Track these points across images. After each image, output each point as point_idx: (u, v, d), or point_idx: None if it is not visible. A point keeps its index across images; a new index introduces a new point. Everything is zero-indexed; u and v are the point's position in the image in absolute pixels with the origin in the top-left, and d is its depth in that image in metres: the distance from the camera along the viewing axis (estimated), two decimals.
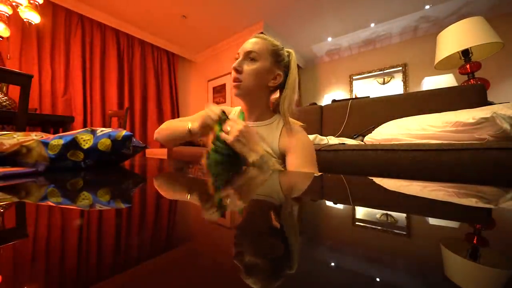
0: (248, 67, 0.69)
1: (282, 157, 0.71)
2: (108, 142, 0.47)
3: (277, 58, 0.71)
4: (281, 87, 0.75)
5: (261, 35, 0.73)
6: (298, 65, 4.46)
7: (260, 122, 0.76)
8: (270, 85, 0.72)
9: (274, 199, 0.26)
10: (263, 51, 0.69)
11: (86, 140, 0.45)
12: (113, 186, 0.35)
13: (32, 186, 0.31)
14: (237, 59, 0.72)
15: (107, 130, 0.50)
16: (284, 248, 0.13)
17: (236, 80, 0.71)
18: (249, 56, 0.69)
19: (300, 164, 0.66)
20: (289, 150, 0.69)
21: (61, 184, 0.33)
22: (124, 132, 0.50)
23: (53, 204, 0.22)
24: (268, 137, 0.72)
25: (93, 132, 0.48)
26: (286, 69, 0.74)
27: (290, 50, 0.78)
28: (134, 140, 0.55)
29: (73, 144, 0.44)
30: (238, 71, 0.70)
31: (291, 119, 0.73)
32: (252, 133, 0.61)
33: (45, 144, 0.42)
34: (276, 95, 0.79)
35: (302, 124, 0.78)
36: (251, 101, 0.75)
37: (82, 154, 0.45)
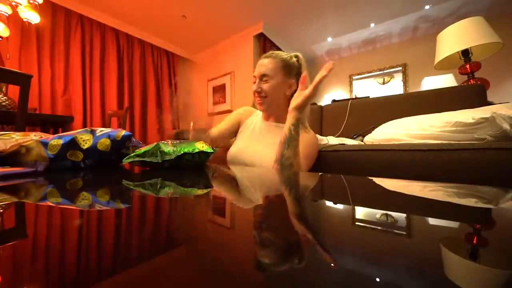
0: (265, 87, 0.81)
1: None
2: (107, 142, 0.47)
3: (288, 70, 0.82)
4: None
5: (271, 54, 0.85)
6: None
7: (277, 123, 0.87)
8: (287, 94, 0.83)
9: (273, 198, 0.26)
10: (274, 70, 0.80)
11: (85, 140, 0.45)
12: (112, 186, 0.34)
13: (31, 186, 0.31)
14: (254, 82, 0.84)
15: (106, 130, 0.50)
16: (283, 248, 0.13)
17: (260, 98, 0.83)
18: (264, 78, 0.81)
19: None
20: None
21: (60, 184, 0.33)
22: (123, 132, 0.50)
23: (53, 205, 0.22)
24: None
25: (92, 132, 0.48)
26: (298, 76, 0.83)
27: (298, 54, 0.86)
28: (134, 140, 0.55)
29: (73, 144, 0.44)
30: (259, 92, 0.82)
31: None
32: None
33: (45, 144, 0.42)
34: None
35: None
36: (272, 110, 0.86)
37: (82, 154, 0.45)
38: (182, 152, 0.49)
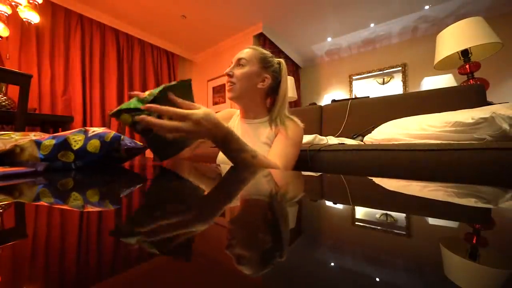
0: (238, 72, 0.78)
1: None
2: (97, 143, 0.46)
3: (265, 64, 0.80)
4: (273, 92, 0.83)
5: (252, 46, 0.84)
6: (297, 65, 4.47)
7: (258, 120, 0.85)
8: (259, 87, 0.80)
9: (271, 198, 0.26)
10: (252, 58, 0.78)
11: (77, 140, 0.44)
12: (111, 186, 0.34)
13: (31, 187, 0.31)
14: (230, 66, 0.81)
15: (98, 130, 0.48)
16: (282, 248, 0.13)
17: (229, 83, 0.79)
18: (240, 63, 0.79)
19: (278, 153, 0.72)
20: (279, 133, 0.77)
21: (60, 184, 0.33)
22: (113, 134, 0.49)
23: (52, 205, 0.22)
24: (265, 131, 0.81)
25: (85, 132, 0.47)
26: (276, 74, 0.82)
27: (281, 60, 0.85)
28: (131, 141, 0.54)
29: (65, 144, 0.43)
30: (230, 75, 0.79)
31: (292, 117, 0.82)
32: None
33: (38, 144, 0.42)
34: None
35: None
36: (245, 103, 0.83)
37: (73, 155, 0.44)
38: (160, 89, 0.47)
